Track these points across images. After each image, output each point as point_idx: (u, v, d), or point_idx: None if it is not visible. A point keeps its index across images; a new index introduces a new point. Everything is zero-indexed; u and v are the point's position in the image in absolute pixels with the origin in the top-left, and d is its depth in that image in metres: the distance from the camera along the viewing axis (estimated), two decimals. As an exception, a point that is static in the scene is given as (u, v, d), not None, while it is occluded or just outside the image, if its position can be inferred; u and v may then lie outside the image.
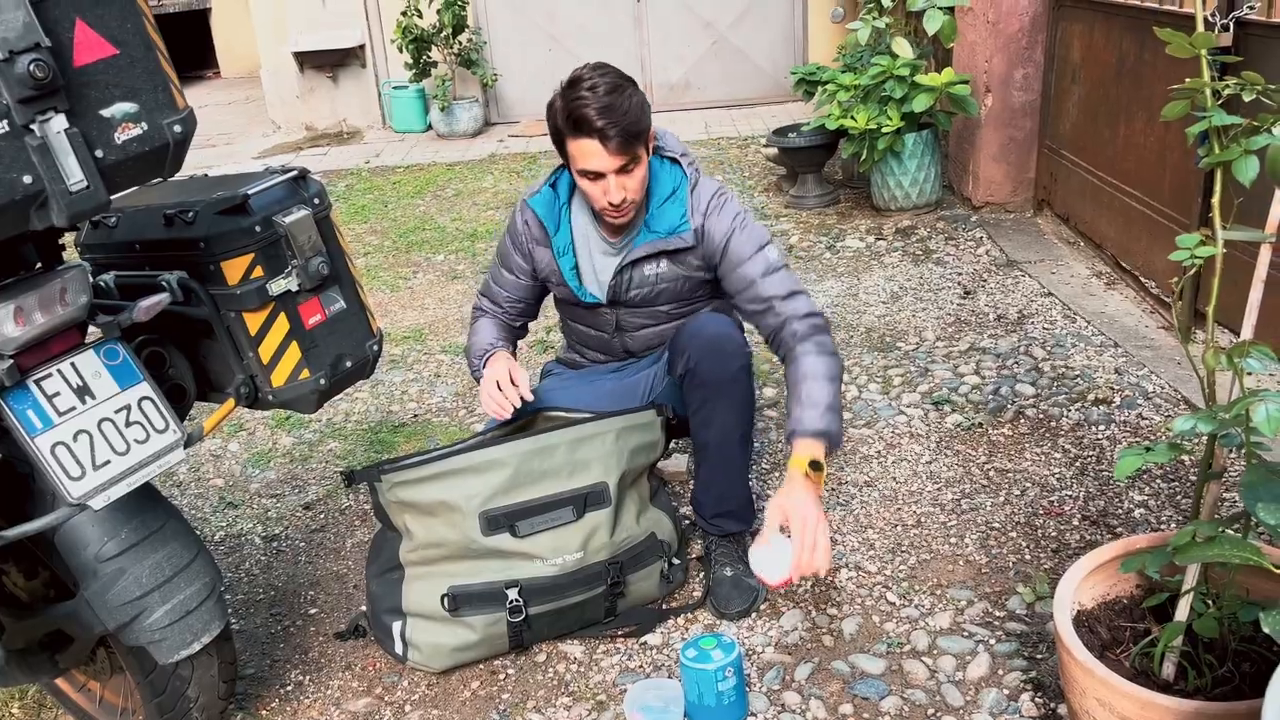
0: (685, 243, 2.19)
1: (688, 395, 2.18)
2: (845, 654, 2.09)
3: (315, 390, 1.86)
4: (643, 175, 2.11)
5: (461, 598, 2.06)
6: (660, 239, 2.19)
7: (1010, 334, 3.45)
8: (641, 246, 2.20)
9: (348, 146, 7.47)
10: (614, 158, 2.03)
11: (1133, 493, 2.50)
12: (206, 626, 1.74)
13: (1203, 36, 1.46)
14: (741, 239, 2.17)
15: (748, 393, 2.18)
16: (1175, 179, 3.36)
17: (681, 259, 2.22)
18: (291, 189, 1.82)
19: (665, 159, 2.23)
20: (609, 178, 2.06)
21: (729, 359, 2.12)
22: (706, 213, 2.18)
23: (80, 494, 1.54)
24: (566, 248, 2.26)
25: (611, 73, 2.07)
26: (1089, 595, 1.73)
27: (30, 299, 1.49)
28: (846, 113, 4.66)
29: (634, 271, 2.23)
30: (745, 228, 2.18)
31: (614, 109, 1.99)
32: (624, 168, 2.05)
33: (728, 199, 2.21)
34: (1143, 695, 1.44)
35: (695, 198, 2.20)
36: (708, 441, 2.20)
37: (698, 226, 2.18)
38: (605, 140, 2.00)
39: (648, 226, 2.20)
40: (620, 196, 2.09)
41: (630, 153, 2.04)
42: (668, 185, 2.21)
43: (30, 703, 2.18)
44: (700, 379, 2.13)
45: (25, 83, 1.29)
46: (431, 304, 4.31)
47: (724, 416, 2.16)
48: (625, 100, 2.02)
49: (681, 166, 2.23)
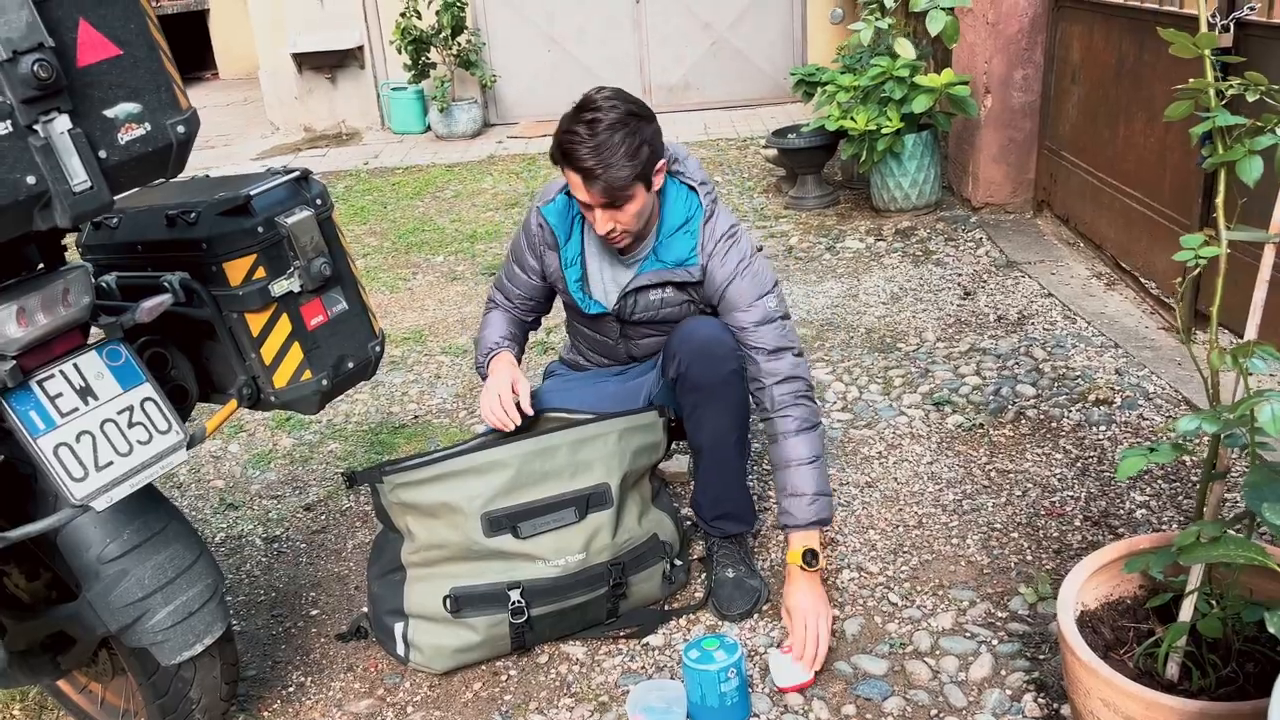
0: (692, 276, 2.16)
1: (680, 399, 2.18)
2: (848, 655, 2.09)
3: (317, 391, 1.85)
4: (637, 210, 2.06)
5: (464, 599, 2.06)
6: (666, 269, 2.17)
7: (1010, 335, 3.45)
8: (647, 274, 2.19)
9: (346, 148, 7.47)
10: (598, 197, 2.02)
11: (1134, 493, 2.50)
12: (209, 628, 1.74)
13: (1206, 37, 1.46)
14: (741, 285, 2.13)
15: (741, 395, 2.17)
16: (1175, 180, 3.36)
17: (686, 290, 2.20)
18: (294, 190, 1.82)
19: (683, 184, 2.19)
20: (595, 210, 2.05)
21: (720, 362, 2.11)
22: (713, 253, 2.15)
23: (83, 495, 1.53)
24: (575, 259, 2.25)
25: (621, 106, 2.00)
26: (1092, 596, 1.73)
27: (33, 300, 1.49)
28: (846, 114, 4.66)
29: (639, 296, 2.22)
30: (748, 273, 2.14)
31: (605, 148, 1.95)
32: (611, 204, 2.03)
33: (737, 240, 2.17)
34: (1147, 695, 1.44)
35: (706, 234, 2.16)
36: (702, 445, 2.21)
37: (704, 264, 2.16)
38: (590, 181, 1.99)
39: (655, 255, 2.18)
40: (607, 229, 2.08)
41: (616, 195, 2.01)
42: (680, 214, 2.17)
43: (31, 704, 2.18)
44: (692, 383, 2.13)
45: (29, 83, 1.28)
46: (431, 305, 4.31)
47: (717, 420, 2.16)
48: (622, 141, 1.97)
49: (699, 195, 2.18)
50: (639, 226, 2.12)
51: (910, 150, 4.61)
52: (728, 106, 7.79)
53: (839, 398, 3.14)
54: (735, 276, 2.14)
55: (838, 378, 3.27)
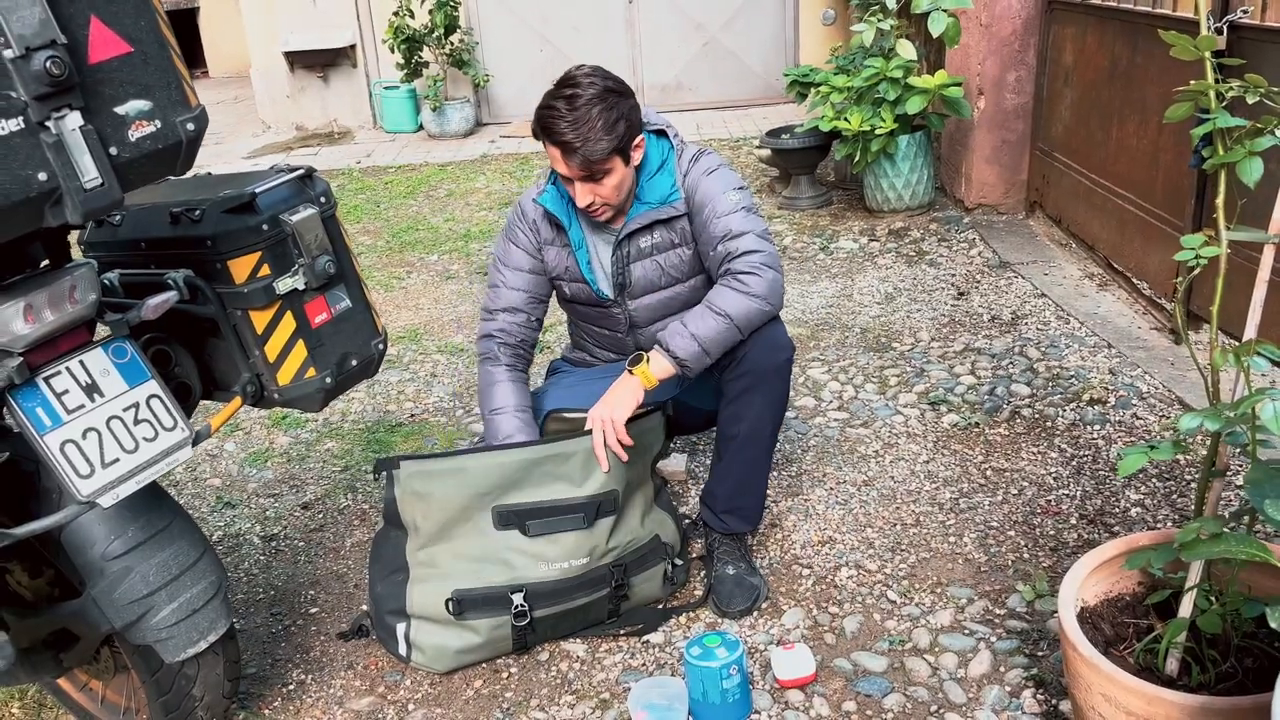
0: (677, 210, 2.21)
1: (728, 384, 2.18)
2: (847, 652, 2.10)
3: (321, 389, 1.86)
4: (616, 183, 2.11)
5: (466, 601, 2.06)
6: (652, 209, 2.21)
7: (1004, 335, 3.47)
8: (635, 219, 2.22)
9: (338, 147, 7.45)
10: (577, 170, 2.06)
11: (1129, 492, 2.52)
12: (213, 625, 1.74)
13: (1207, 39, 1.47)
14: (710, 184, 2.20)
15: (785, 389, 2.20)
16: (1168, 181, 3.39)
17: (674, 225, 2.24)
18: (298, 188, 1.82)
19: (651, 133, 2.25)
20: (577, 184, 2.09)
21: (778, 351, 2.15)
22: (688, 173, 2.22)
23: (89, 492, 1.54)
24: (581, 241, 2.27)
25: (600, 83, 2.07)
26: (1092, 592, 1.75)
27: (40, 296, 1.49)
28: (840, 114, 4.68)
29: (630, 245, 2.24)
30: (716, 173, 2.21)
31: (584, 123, 2.01)
32: (590, 176, 2.08)
33: (706, 153, 2.25)
34: (1149, 690, 1.46)
35: (680, 166, 2.24)
36: (739, 434, 2.20)
37: (684, 191, 2.22)
38: (569, 155, 2.04)
39: (639, 198, 2.23)
40: (588, 201, 2.11)
41: (595, 168, 2.06)
42: (656, 159, 2.24)
43: (30, 702, 2.17)
44: (748, 366, 2.14)
45: (41, 80, 1.28)
46: (426, 304, 4.30)
47: (760, 409, 2.17)
48: (600, 115, 2.02)
49: (668, 137, 2.25)
50: (619, 200, 2.16)
51: (904, 151, 4.63)
52: (720, 107, 7.81)
53: (835, 397, 3.15)
54: (705, 175, 2.20)
55: (833, 377, 3.28)
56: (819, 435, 2.94)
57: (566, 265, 2.28)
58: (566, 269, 2.29)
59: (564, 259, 2.28)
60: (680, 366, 2.07)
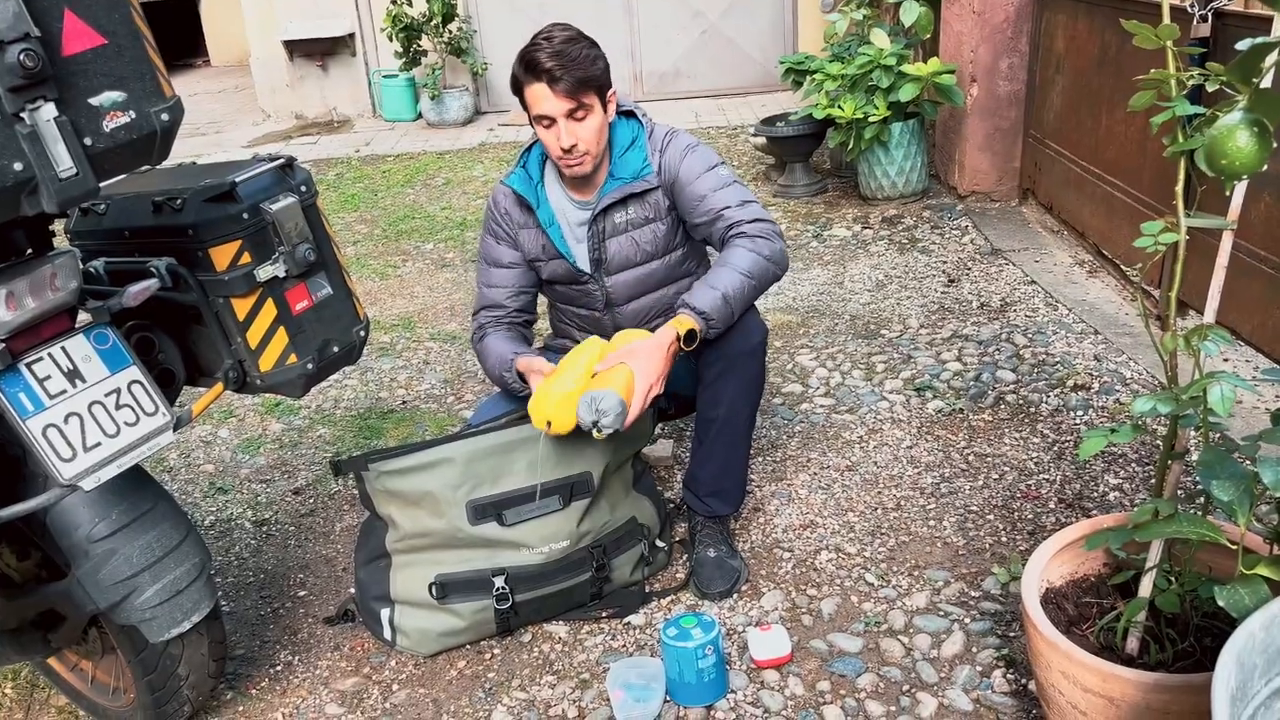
0: (649, 184, 2.25)
1: (705, 369, 2.21)
2: (824, 633, 2.13)
3: (302, 375, 1.89)
4: (596, 126, 2.16)
5: (449, 586, 2.10)
6: (625, 184, 2.25)
7: (992, 321, 3.49)
8: (609, 194, 2.25)
9: (338, 135, 7.48)
10: (562, 100, 2.09)
11: (1108, 476, 2.55)
12: (196, 605, 1.77)
13: (1168, 28, 1.49)
14: (692, 159, 2.25)
15: (760, 371, 2.24)
16: (1155, 168, 3.40)
17: (648, 199, 2.27)
18: (278, 177, 1.85)
19: (621, 114, 2.30)
20: (559, 123, 2.12)
21: (751, 333, 2.19)
22: (663, 149, 2.27)
23: (71, 475, 1.57)
24: (551, 219, 2.31)
25: (574, 30, 2.16)
26: (1057, 574, 1.78)
27: (21, 284, 1.52)
28: (834, 102, 4.69)
29: (605, 221, 2.28)
30: (696, 150, 2.26)
31: (565, 55, 2.08)
32: (573, 113, 2.12)
33: (680, 133, 2.31)
34: (1105, 668, 1.48)
35: (652, 142, 2.29)
36: (717, 417, 2.23)
37: (656, 164, 2.26)
38: (553, 83, 2.08)
39: (613, 175, 2.27)
40: (570, 142, 2.14)
41: (578, 98, 2.10)
42: (627, 136, 2.29)
43: (23, 683, 2.22)
44: (722, 349, 2.16)
45: (15, 72, 1.31)
46: (421, 292, 4.34)
47: (735, 392, 2.20)
48: (579, 50, 2.11)
49: (638, 117, 2.31)
50: (598, 150, 2.20)
51: (897, 139, 4.64)
52: (718, 94, 7.81)
53: (822, 383, 3.18)
54: (685, 154, 2.26)
55: (821, 363, 3.31)
56: (805, 421, 2.97)
57: (542, 244, 2.31)
58: (543, 248, 2.32)
59: (539, 239, 2.31)
60: (704, 320, 2.07)
